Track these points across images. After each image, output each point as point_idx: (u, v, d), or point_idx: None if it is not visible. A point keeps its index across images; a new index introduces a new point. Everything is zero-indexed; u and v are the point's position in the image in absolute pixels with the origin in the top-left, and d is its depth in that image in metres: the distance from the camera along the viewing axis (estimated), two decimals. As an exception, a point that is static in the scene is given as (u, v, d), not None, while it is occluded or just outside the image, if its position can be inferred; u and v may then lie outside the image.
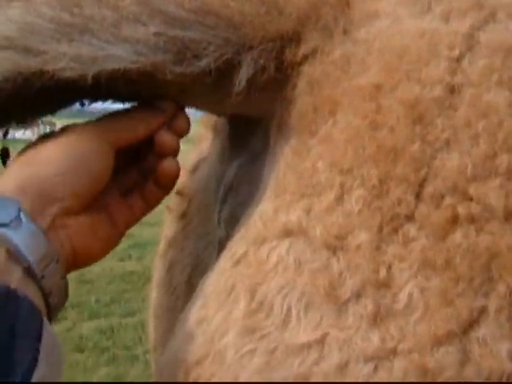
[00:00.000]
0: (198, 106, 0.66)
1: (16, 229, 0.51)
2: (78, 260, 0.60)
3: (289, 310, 0.48)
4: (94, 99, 0.63)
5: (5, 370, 0.43)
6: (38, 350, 0.45)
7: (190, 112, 0.66)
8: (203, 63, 0.54)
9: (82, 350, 4.67)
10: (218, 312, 0.53)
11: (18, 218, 0.51)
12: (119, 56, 0.53)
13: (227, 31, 0.54)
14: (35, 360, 0.45)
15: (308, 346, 0.47)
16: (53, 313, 0.55)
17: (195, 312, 0.55)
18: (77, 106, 0.64)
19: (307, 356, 0.47)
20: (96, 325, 5.15)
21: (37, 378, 0.44)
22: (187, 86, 0.57)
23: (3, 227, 0.50)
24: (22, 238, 0.51)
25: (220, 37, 0.54)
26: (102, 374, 4.29)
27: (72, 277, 0.62)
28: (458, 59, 0.50)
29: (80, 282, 5.89)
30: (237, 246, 0.56)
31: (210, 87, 0.58)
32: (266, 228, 0.53)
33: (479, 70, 0.49)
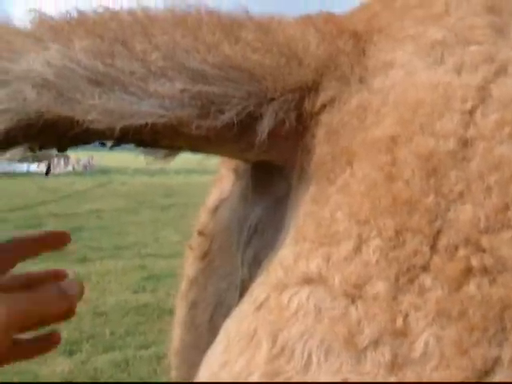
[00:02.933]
0: (223, 155, 0.67)
1: None
2: None
3: (309, 355, 0.49)
4: (118, 144, 0.64)
5: None
6: None
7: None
8: (227, 117, 0.56)
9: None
10: (240, 356, 0.54)
11: None
12: (146, 111, 0.55)
13: (249, 84, 0.56)
14: None
15: None
16: None
17: (218, 355, 0.57)
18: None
19: None
20: (111, 357, 5.15)
21: None
22: (212, 139, 0.59)
23: None
24: None
25: (242, 90, 0.56)
26: (117, 406, 4.28)
27: (86, 310, 0.64)
28: (471, 112, 0.52)
29: (94, 315, 5.89)
30: (258, 291, 0.57)
31: (233, 139, 0.59)
32: (287, 275, 0.54)
33: (491, 124, 0.51)
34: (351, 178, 0.54)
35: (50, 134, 0.59)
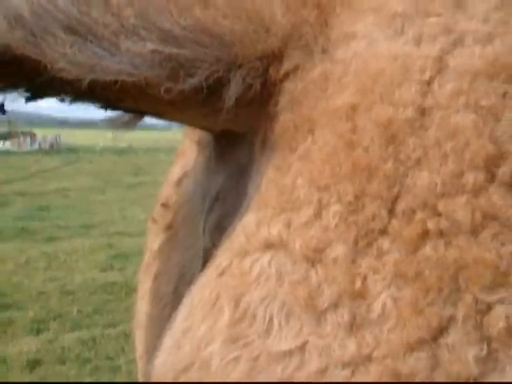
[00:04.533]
0: (186, 122, 0.67)
1: None
2: None
3: (271, 319, 0.51)
4: (78, 99, 0.63)
5: None
6: None
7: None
8: (195, 81, 0.56)
9: (64, 362, 4.64)
10: (203, 322, 0.55)
11: None
12: (117, 68, 0.54)
13: (219, 49, 0.56)
14: None
15: (290, 353, 0.49)
16: None
17: (181, 322, 0.57)
18: (59, 116, 0.63)
19: (289, 363, 0.49)
20: (78, 336, 5.13)
21: None
22: (178, 102, 0.59)
23: None
24: None
25: (212, 55, 0.56)
26: (85, 385, 4.27)
27: (54, 288, 0.63)
28: (429, 82, 0.53)
29: (62, 293, 5.86)
30: (221, 257, 0.58)
31: (200, 104, 0.60)
32: (249, 241, 0.55)
33: (448, 93, 0.52)
34: (312, 146, 0.54)
35: (15, 73, 0.58)
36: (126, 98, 0.61)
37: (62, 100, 0.63)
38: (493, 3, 0.57)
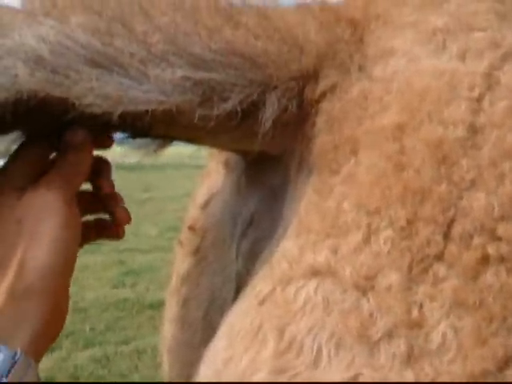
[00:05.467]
0: (220, 147, 0.66)
1: None
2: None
3: (319, 349, 0.49)
4: (114, 131, 0.64)
5: None
6: None
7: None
8: (229, 105, 0.54)
9: (77, 379, 4.63)
10: (246, 352, 0.53)
11: None
12: (147, 97, 0.53)
13: (252, 71, 0.54)
14: None
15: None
16: None
17: (221, 351, 0.55)
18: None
19: None
20: (91, 354, 5.11)
21: None
22: (212, 128, 0.57)
23: None
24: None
25: (245, 77, 0.54)
26: (99, 403, 4.26)
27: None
28: (479, 99, 0.51)
29: (74, 311, 5.86)
30: (261, 284, 0.56)
31: (235, 128, 0.58)
32: (292, 267, 0.53)
33: (500, 111, 0.50)
34: (357, 168, 0.53)
35: (42, 115, 0.57)
36: (157, 126, 0.60)
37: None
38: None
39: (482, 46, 0.54)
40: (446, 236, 0.47)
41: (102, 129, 0.62)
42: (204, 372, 0.57)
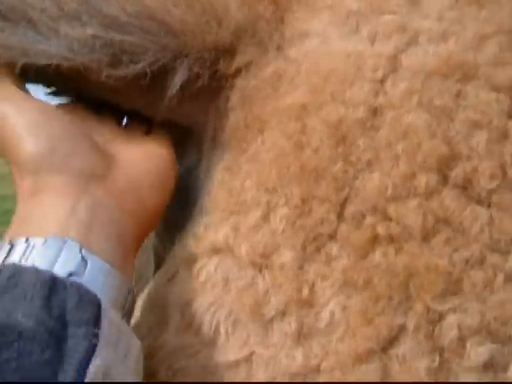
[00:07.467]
0: (129, 108, 0.64)
1: (83, 274, 0.46)
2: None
3: (217, 328, 0.49)
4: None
5: (58, 360, 0.40)
6: (95, 336, 0.42)
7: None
8: (139, 67, 0.53)
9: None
10: (151, 330, 0.53)
11: (82, 259, 0.47)
12: (51, 52, 0.52)
13: (166, 38, 0.54)
14: (92, 346, 0.41)
15: (236, 364, 0.47)
16: None
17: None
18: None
19: (236, 374, 0.47)
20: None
21: (97, 366, 0.40)
22: (120, 88, 0.56)
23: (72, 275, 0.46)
24: (93, 283, 0.46)
25: (158, 43, 0.53)
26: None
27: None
28: (382, 81, 0.51)
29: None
30: (170, 261, 0.56)
31: (143, 90, 0.57)
32: (197, 245, 0.53)
33: (400, 92, 0.50)
34: (261, 147, 0.52)
35: None
36: (67, 82, 0.58)
37: None
38: (447, 2, 0.55)
39: (391, 30, 0.54)
40: (340, 215, 0.48)
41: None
42: None
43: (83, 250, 0.47)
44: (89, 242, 0.48)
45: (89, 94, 0.60)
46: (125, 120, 0.64)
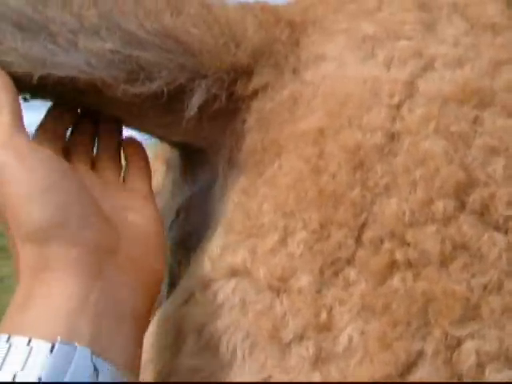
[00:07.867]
0: (145, 130, 0.65)
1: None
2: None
3: (234, 350, 0.49)
4: (37, 96, 0.60)
5: None
6: None
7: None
8: (155, 85, 0.54)
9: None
10: (166, 350, 0.53)
11: (94, 370, 0.45)
12: (69, 64, 0.52)
13: (184, 57, 0.54)
14: None
15: None
16: None
17: (147, 349, 0.55)
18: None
19: None
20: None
21: None
22: (136, 107, 0.57)
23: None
24: None
25: (176, 61, 0.54)
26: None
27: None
28: (398, 107, 0.51)
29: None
30: (186, 283, 0.56)
31: (160, 111, 0.58)
32: (214, 267, 0.53)
33: (417, 118, 0.50)
34: (279, 171, 0.53)
35: None
36: (83, 97, 0.58)
37: (25, 99, 0.59)
38: (463, 28, 0.56)
39: (407, 55, 0.54)
40: (358, 240, 0.48)
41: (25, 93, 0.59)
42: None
43: (94, 358, 0.45)
44: (100, 343, 0.47)
45: (105, 111, 0.61)
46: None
